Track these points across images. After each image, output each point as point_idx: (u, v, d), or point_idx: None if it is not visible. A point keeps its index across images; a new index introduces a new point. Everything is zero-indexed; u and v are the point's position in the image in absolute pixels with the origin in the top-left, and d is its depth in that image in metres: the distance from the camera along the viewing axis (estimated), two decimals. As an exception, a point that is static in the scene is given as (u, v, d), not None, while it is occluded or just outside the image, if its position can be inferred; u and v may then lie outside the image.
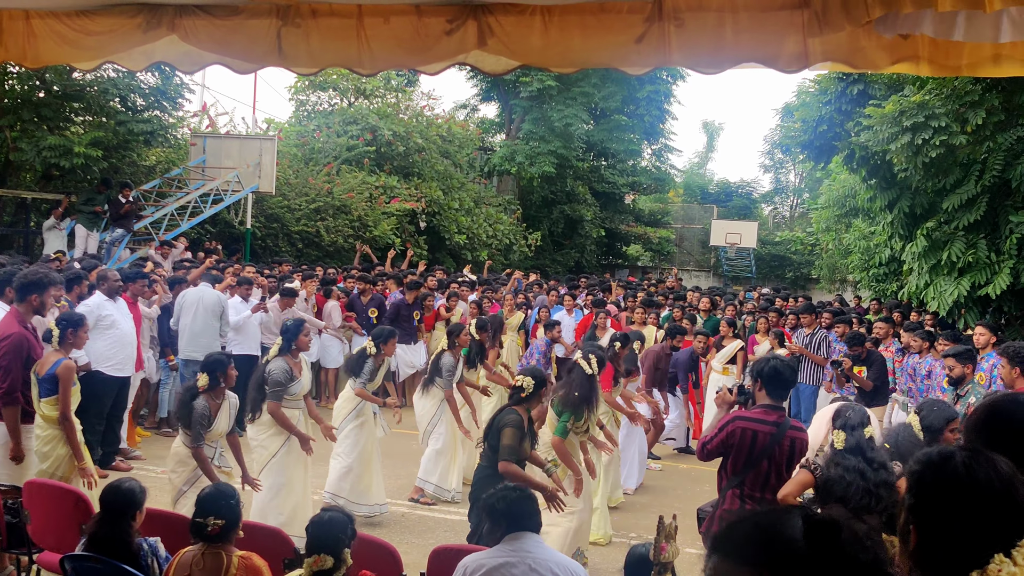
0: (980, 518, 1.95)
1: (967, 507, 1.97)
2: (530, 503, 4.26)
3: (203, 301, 10.65)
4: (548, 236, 31.46)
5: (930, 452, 2.15)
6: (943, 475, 2.04)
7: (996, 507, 1.96)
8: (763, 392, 5.28)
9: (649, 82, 32.84)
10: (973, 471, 2.01)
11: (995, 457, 2.06)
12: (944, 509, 2.00)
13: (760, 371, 5.31)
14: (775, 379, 5.27)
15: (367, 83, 26.63)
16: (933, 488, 2.04)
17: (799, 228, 37.74)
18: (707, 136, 51.93)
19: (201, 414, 6.44)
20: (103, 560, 4.35)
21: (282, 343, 7.54)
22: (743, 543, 1.48)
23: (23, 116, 16.11)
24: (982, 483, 1.98)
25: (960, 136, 12.59)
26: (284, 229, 20.22)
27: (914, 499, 2.07)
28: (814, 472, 5.03)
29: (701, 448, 5.34)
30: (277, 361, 7.45)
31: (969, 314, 13.22)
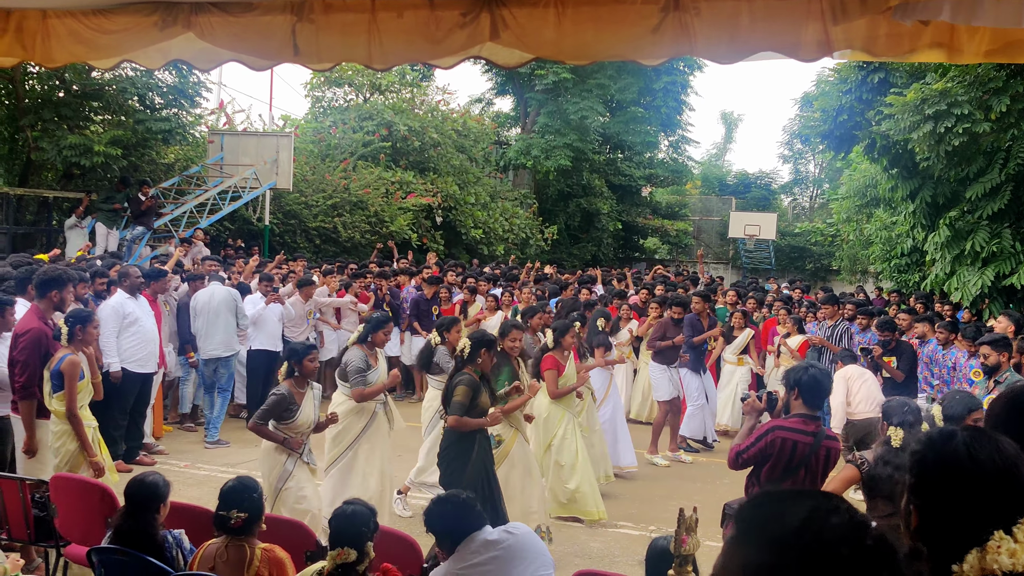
0: (981, 497, 1.96)
1: (968, 486, 1.98)
2: (465, 507, 4.31)
3: (214, 299, 10.72)
4: (564, 230, 31.38)
5: (932, 433, 2.16)
6: (944, 454, 2.04)
7: (997, 486, 1.97)
8: (799, 401, 5.18)
9: (666, 73, 32.67)
10: (974, 451, 2.01)
11: (998, 437, 2.07)
12: (945, 488, 2.00)
13: (798, 380, 5.19)
14: (814, 388, 5.18)
15: (382, 78, 26.63)
16: (934, 467, 2.05)
17: (819, 219, 37.50)
18: (725, 127, 51.71)
19: (277, 401, 6.38)
20: (129, 553, 4.39)
21: (362, 332, 7.55)
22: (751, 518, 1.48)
23: (44, 116, 16.25)
24: (983, 462, 1.99)
25: (983, 124, 12.46)
26: (302, 225, 20.29)
27: (915, 478, 2.08)
28: (860, 467, 5.00)
29: (735, 457, 5.25)
30: (353, 350, 7.43)
31: (993, 304, 13.10)
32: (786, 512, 1.43)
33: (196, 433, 10.97)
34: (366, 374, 7.29)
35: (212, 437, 10.57)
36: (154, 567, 4.33)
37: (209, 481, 8.80)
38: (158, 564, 4.35)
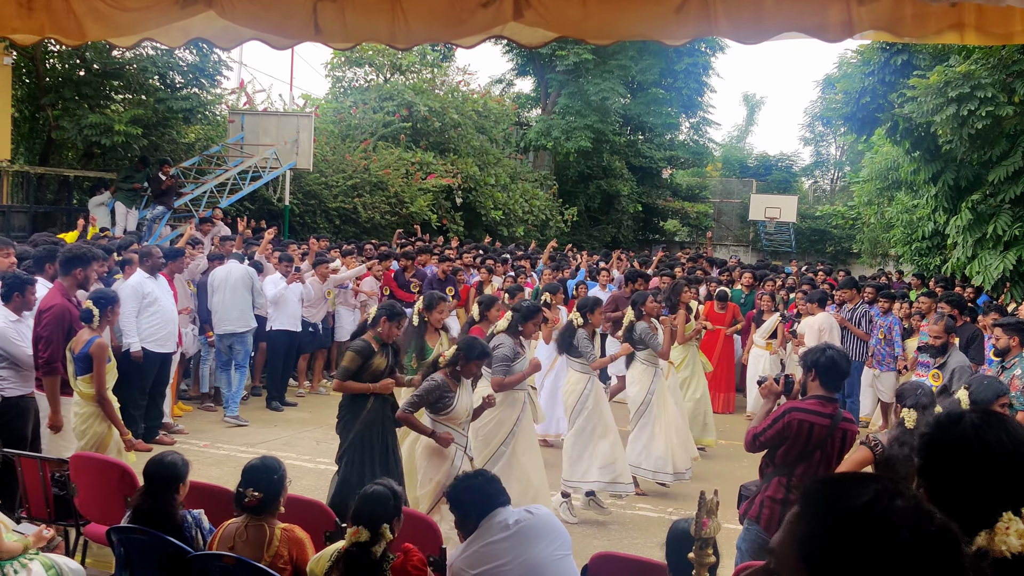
0: (989, 478, 1.96)
1: (976, 467, 1.98)
2: (495, 484, 4.32)
3: (231, 275, 10.75)
4: (584, 211, 31.30)
5: (940, 415, 2.16)
6: (952, 436, 2.05)
7: (1005, 467, 1.97)
8: (817, 383, 5.13)
9: (687, 54, 32.46)
10: (982, 432, 2.01)
11: (1007, 419, 2.07)
12: (953, 470, 2.00)
13: (816, 361, 5.13)
14: (832, 370, 5.11)
15: (403, 58, 26.58)
16: (942, 449, 2.05)
17: (840, 202, 37.24)
18: (747, 109, 51.32)
19: (431, 388, 6.10)
20: (148, 532, 4.42)
21: (511, 322, 7.27)
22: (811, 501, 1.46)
23: (64, 95, 16.30)
24: (991, 444, 1.99)
25: (1007, 107, 12.34)
26: (322, 206, 20.29)
27: (923, 460, 2.09)
28: (874, 449, 4.97)
29: (752, 440, 5.21)
30: (502, 336, 7.21)
31: (1014, 288, 13.00)
32: (852, 492, 1.41)
33: (215, 413, 11.04)
34: (512, 363, 7.05)
35: (232, 412, 10.64)
36: (173, 546, 4.36)
37: (228, 461, 8.86)
38: (177, 543, 4.38)
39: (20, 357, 6.64)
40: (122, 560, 4.55)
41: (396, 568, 3.92)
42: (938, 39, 4.27)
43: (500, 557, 4.09)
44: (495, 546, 4.11)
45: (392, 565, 3.92)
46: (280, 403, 11.53)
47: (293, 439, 10.10)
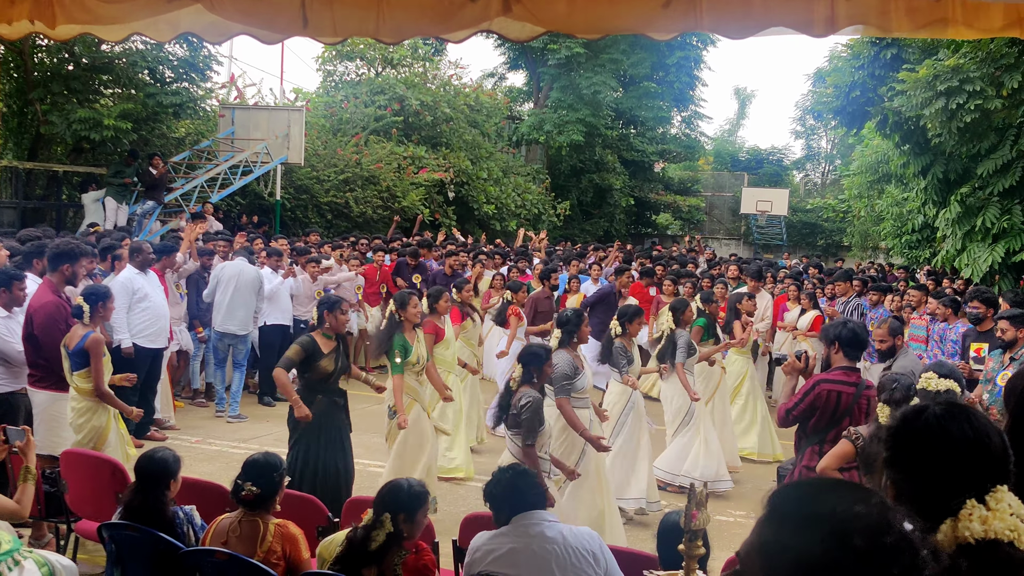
0: (952, 467, 1.99)
1: (938, 457, 2.02)
2: (527, 479, 4.21)
3: (242, 276, 10.70)
4: (577, 205, 31.33)
5: (906, 408, 2.23)
6: (916, 427, 2.09)
7: (968, 457, 2.00)
8: (840, 354, 5.49)
9: (679, 48, 32.50)
10: (945, 423, 2.05)
11: (971, 410, 2.11)
12: (917, 460, 2.05)
13: (839, 335, 5.49)
14: (853, 341, 5.48)
15: (394, 52, 26.54)
16: (906, 440, 2.10)
17: (831, 195, 37.36)
18: (739, 103, 51.38)
19: (535, 410, 5.81)
20: (139, 528, 4.42)
21: (563, 335, 6.90)
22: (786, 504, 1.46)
23: (53, 89, 16.22)
24: (954, 434, 2.03)
25: (995, 100, 12.39)
26: (313, 200, 20.27)
27: (889, 452, 2.13)
28: (855, 443, 5.02)
29: (785, 415, 5.51)
30: (560, 354, 6.73)
31: (1003, 280, 13.08)
32: (817, 498, 1.42)
33: (208, 408, 11.02)
34: (573, 380, 6.69)
35: (234, 411, 10.65)
36: (165, 542, 4.36)
37: (221, 457, 8.86)
38: (169, 539, 4.38)
39: (10, 354, 6.62)
40: (113, 557, 4.55)
41: (408, 565, 3.93)
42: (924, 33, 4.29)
43: (514, 567, 3.99)
44: (521, 554, 3.99)
45: (404, 561, 3.93)
46: (272, 398, 11.52)
47: (285, 434, 10.01)
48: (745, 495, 8.64)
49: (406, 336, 7.26)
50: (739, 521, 7.90)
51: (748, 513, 8.11)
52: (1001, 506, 1.91)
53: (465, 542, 4.81)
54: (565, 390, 6.59)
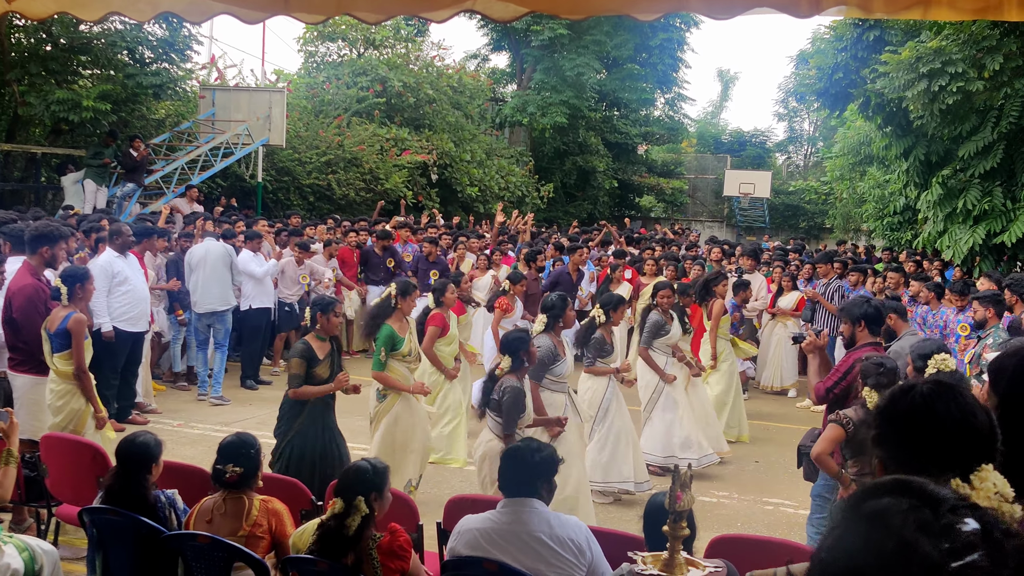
0: (938, 446, 2.03)
1: (925, 436, 2.06)
2: (527, 471, 4.12)
3: (210, 254, 10.69)
4: (560, 188, 31.28)
5: (895, 387, 2.28)
6: (903, 405, 2.14)
7: (954, 435, 2.04)
8: (865, 331, 5.75)
9: (662, 30, 32.42)
10: (931, 402, 2.10)
11: (957, 390, 2.14)
12: (904, 438, 2.08)
13: (864, 313, 5.76)
14: (877, 318, 5.81)
15: (376, 33, 26.36)
16: (895, 418, 2.14)
17: (813, 177, 37.45)
18: (722, 85, 51.39)
19: (515, 400, 5.87)
20: (120, 512, 4.40)
21: (548, 320, 6.95)
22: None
23: (31, 70, 16.02)
24: (939, 413, 2.07)
25: (977, 82, 12.43)
26: (295, 182, 20.15)
27: (877, 431, 2.17)
28: (845, 427, 5.06)
29: (826, 393, 5.71)
30: (542, 338, 6.83)
31: (984, 262, 13.15)
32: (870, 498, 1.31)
33: (189, 392, 10.98)
34: (550, 367, 6.76)
35: (216, 392, 10.63)
36: (146, 526, 4.35)
37: (203, 440, 8.83)
38: (150, 523, 4.37)
39: (-8, 338, 6.60)
40: (95, 541, 4.53)
41: (383, 547, 3.93)
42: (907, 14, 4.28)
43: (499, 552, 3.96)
44: (501, 535, 3.99)
45: (379, 544, 3.93)
46: (255, 382, 11.50)
47: (268, 418, 10.03)
48: (728, 476, 8.69)
49: (396, 326, 7.15)
50: (722, 502, 7.95)
51: (731, 493, 8.16)
52: (985, 485, 1.93)
53: (449, 524, 4.81)
54: (538, 375, 6.66)
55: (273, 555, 4.37)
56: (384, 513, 4.10)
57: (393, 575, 3.93)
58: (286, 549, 4.28)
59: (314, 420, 6.39)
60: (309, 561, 3.95)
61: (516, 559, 3.92)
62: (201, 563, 4.21)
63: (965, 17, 4.25)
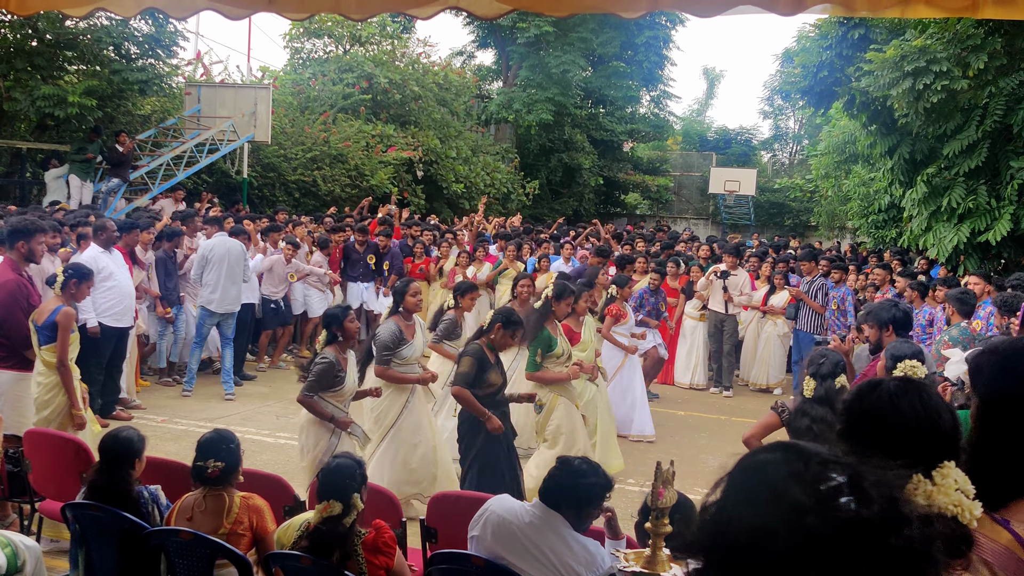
0: (901, 444, 2.05)
1: (889, 433, 2.08)
2: (564, 488, 4.00)
3: (231, 253, 10.59)
4: (546, 185, 31.29)
5: (861, 383, 2.28)
6: (869, 402, 2.16)
7: (917, 433, 2.07)
8: (892, 335, 5.69)
9: (648, 27, 32.46)
10: (896, 399, 2.12)
11: (923, 387, 2.18)
12: (868, 434, 2.09)
13: (892, 317, 5.73)
14: (906, 322, 5.79)
15: (362, 29, 26.30)
16: (860, 414, 2.16)
17: (798, 175, 37.55)
18: (707, 83, 51.44)
19: (326, 368, 6.02)
20: (104, 508, 4.39)
21: (392, 305, 7.18)
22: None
23: (16, 65, 15.94)
24: (904, 411, 2.10)
25: (962, 81, 12.49)
26: (281, 179, 20.11)
27: (843, 425, 2.19)
28: (781, 415, 5.08)
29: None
30: (387, 323, 7.03)
31: (969, 260, 13.22)
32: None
33: (174, 388, 10.95)
34: (393, 351, 6.85)
35: (229, 388, 10.63)
36: (129, 522, 4.33)
37: (187, 436, 8.80)
38: (133, 519, 4.35)
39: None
40: (78, 537, 4.51)
41: (367, 544, 3.92)
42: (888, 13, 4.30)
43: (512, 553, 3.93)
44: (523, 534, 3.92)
45: (363, 540, 3.93)
46: (240, 377, 11.46)
47: (253, 414, 10.06)
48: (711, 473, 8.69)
49: (549, 327, 7.27)
50: (705, 498, 7.96)
51: (715, 491, 8.17)
52: (947, 482, 1.96)
53: (433, 521, 4.82)
54: (384, 359, 6.81)
55: (254, 552, 4.36)
56: (364, 502, 4.09)
57: (378, 571, 3.93)
58: (268, 545, 4.27)
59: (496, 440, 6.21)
60: (293, 557, 3.95)
61: (523, 560, 3.88)
62: (184, 559, 4.20)
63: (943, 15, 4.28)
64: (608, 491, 4.11)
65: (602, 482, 4.09)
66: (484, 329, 6.36)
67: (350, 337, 6.22)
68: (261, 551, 4.32)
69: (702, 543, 1.35)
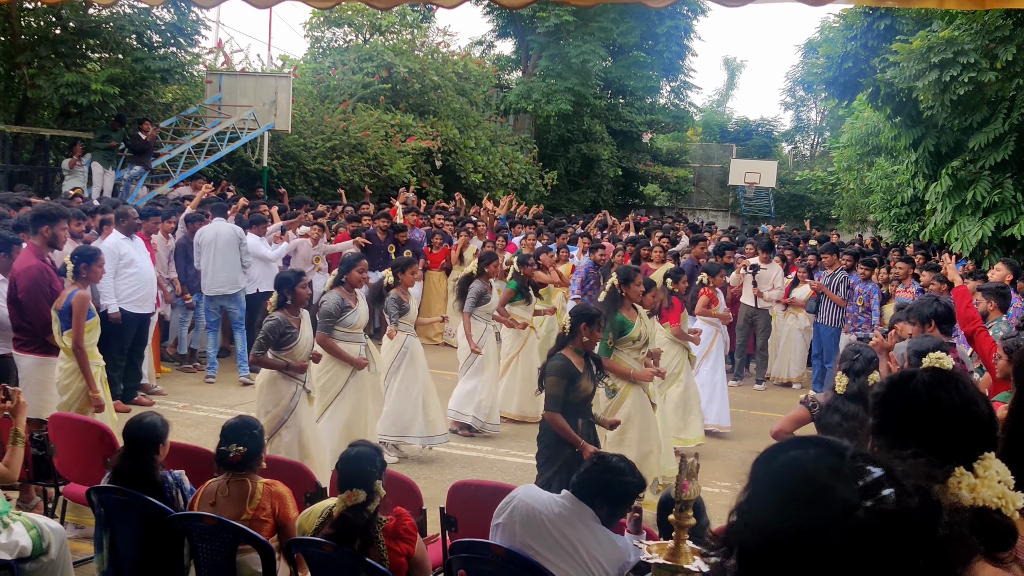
0: (940, 435, 1.99)
1: (926, 425, 2.02)
2: (596, 484, 3.99)
3: (220, 237, 10.68)
4: (564, 175, 31.20)
5: (893, 375, 2.22)
6: (904, 394, 2.10)
7: (956, 425, 2.01)
8: (936, 331, 5.61)
9: (669, 17, 32.28)
10: (933, 390, 2.06)
11: (958, 378, 2.12)
12: (904, 427, 2.04)
13: (935, 312, 5.65)
14: (949, 317, 5.71)
15: (382, 19, 26.28)
16: (894, 407, 2.10)
17: (819, 167, 37.33)
18: (728, 73, 51.17)
19: (273, 326, 6.33)
20: (128, 492, 4.41)
21: (336, 275, 7.53)
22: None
23: (40, 53, 16.06)
24: (942, 402, 2.04)
25: (989, 73, 12.36)
26: (300, 167, 20.14)
27: (877, 419, 2.13)
28: (812, 410, 5.02)
29: None
30: (330, 293, 7.42)
31: (993, 255, 13.10)
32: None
33: (194, 374, 11.00)
34: (336, 318, 7.22)
35: (244, 372, 10.70)
36: (153, 506, 4.36)
37: (207, 422, 8.85)
38: (157, 503, 4.38)
39: (1, 318, 6.60)
40: (102, 520, 4.54)
41: (388, 531, 3.93)
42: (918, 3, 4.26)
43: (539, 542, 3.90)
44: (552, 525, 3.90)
45: (384, 527, 3.93)
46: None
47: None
48: (731, 466, 8.69)
49: (625, 312, 7.12)
50: (723, 492, 7.95)
51: (733, 484, 8.15)
52: (989, 473, 1.91)
53: (452, 509, 4.82)
54: (327, 327, 7.18)
55: (276, 538, 4.38)
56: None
57: (398, 558, 3.94)
58: (290, 532, 4.29)
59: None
60: (315, 543, 3.96)
61: (551, 551, 3.84)
62: (207, 544, 4.22)
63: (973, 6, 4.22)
64: (642, 490, 4.15)
65: (637, 481, 4.11)
66: (567, 336, 6.00)
67: (300, 302, 6.52)
68: (283, 537, 4.34)
69: (737, 543, 1.33)
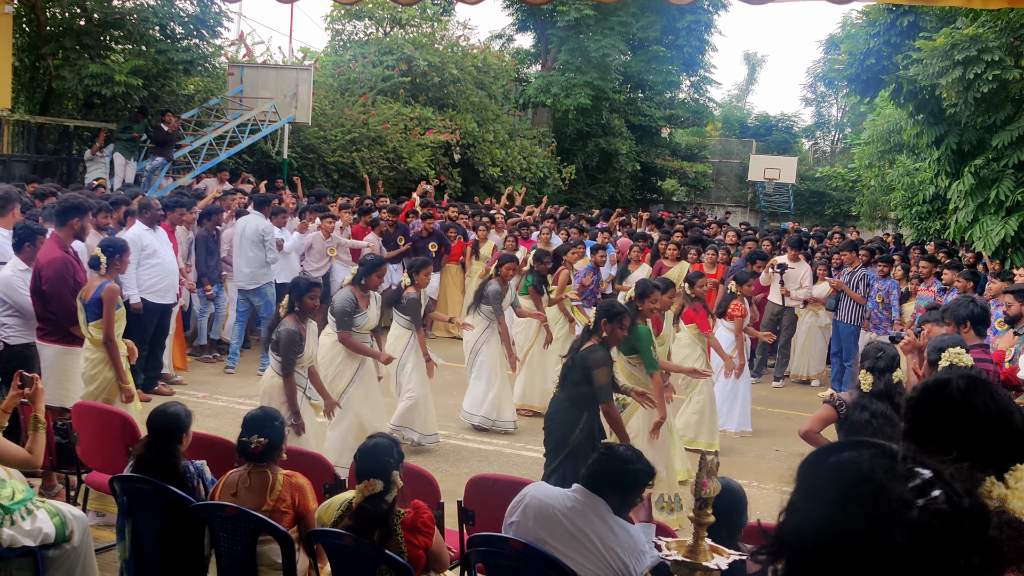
0: (973, 442, 1.96)
1: (960, 431, 1.99)
2: (605, 473, 3.99)
3: (245, 233, 10.77)
4: (582, 170, 31.14)
5: (927, 380, 2.19)
6: (938, 400, 2.07)
7: (990, 432, 1.98)
8: (971, 332, 5.52)
9: (689, 11, 32.16)
10: (968, 397, 2.04)
11: (992, 385, 2.10)
12: (938, 433, 2.01)
13: (970, 313, 5.55)
14: (984, 318, 5.63)
15: (403, 12, 26.29)
16: (928, 413, 2.07)
17: (840, 164, 37.13)
18: (748, 68, 50.97)
19: (290, 338, 6.32)
20: (151, 481, 4.45)
21: (356, 274, 7.59)
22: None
23: (65, 44, 16.21)
24: (977, 408, 2.01)
25: (1014, 71, 12.25)
26: (320, 160, 20.22)
27: (909, 424, 2.10)
28: (838, 409, 4.99)
29: None
30: (343, 291, 7.52)
31: (1016, 254, 12.99)
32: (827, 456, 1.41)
33: (215, 365, 11.07)
34: (352, 317, 7.32)
35: (264, 365, 10.77)
36: (175, 496, 4.40)
37: (227, 412, 8.91)
38: (179, 493, 4.42)
39: (25, 307, 6.67)
40: (124, 509, 4.59)
41: (406, 524, 3.95)
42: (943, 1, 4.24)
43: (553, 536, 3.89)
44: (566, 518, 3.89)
45: (403, 520, 3.96)
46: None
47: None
48: (748, 464, 8.68)
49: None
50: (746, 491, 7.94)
51: (750, 482, 8.12)
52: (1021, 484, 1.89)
53: (470, 503, 4.84)
54: (345, 324, 7.31)
55: (296, 529, 4.41)
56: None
57: (417, 551, 3.96)
58: (310, 523, 4.32)
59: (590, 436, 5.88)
60: (335, 535, 3.99)
61: (567, 545, 3.84)
62: (228, 534, 4.26)
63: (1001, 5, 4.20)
64: (651, 479, 4.12)
65: (646, 469, 4.10)
66: (591, 329, 6.07)
67: (308, 311, 6.51)
68: (302, 529, 4.37)
69: (787, 546, 1.33)
